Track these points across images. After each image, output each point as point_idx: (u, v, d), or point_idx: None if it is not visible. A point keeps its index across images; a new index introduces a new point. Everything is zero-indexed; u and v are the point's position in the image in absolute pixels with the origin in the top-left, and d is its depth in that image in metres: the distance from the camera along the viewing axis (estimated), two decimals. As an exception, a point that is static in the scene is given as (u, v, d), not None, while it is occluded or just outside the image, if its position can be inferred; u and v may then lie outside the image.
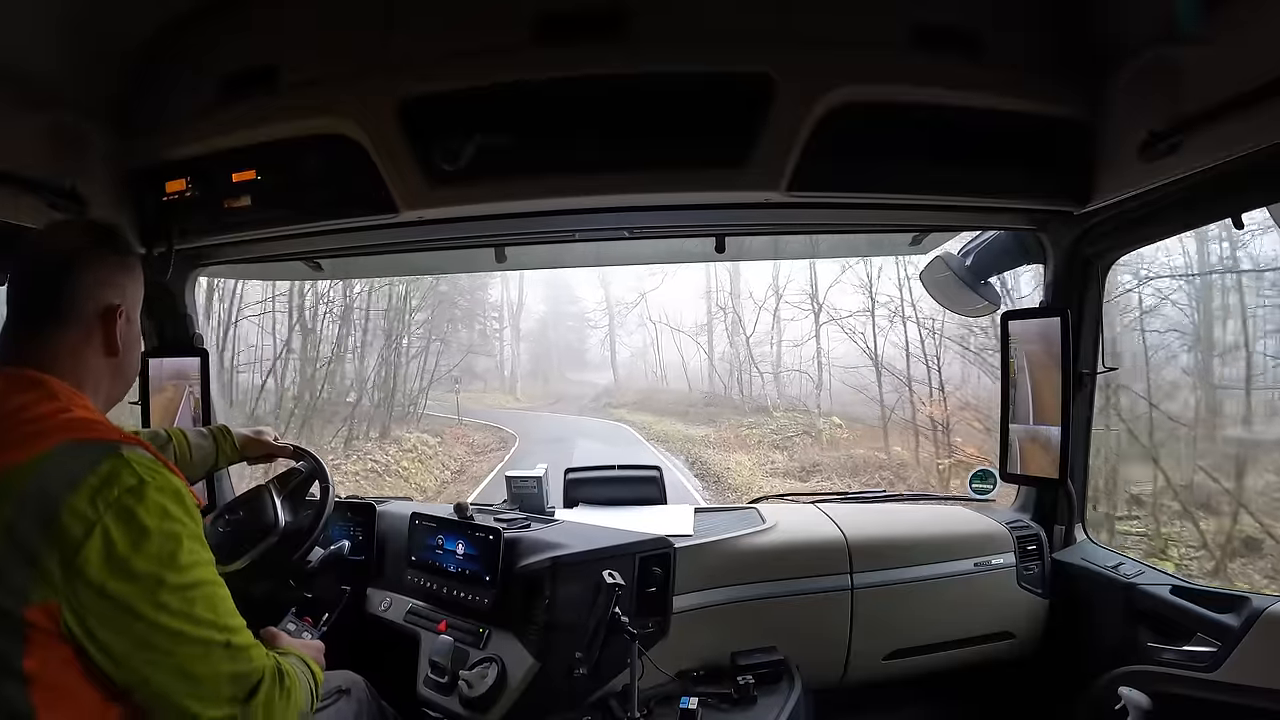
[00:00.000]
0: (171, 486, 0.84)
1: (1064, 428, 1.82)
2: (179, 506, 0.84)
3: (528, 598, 1.60)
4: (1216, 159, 1.25)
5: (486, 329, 22.30)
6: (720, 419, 16.11)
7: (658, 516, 1.99)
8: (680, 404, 18.72)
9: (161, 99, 1.60)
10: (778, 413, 14.86)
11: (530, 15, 1.40)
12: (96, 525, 0.77)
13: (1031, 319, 1.91)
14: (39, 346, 0.91)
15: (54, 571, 0.76)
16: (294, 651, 1.08)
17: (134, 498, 0.80)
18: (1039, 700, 1.94)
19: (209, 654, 0.83)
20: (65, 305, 0.93)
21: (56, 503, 0.77)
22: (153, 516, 0.81)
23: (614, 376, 23.79)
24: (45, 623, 0.76)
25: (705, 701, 1.61)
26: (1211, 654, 1.51)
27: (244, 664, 0.87)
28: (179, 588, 0.81)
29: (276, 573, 1.52)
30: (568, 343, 26.38)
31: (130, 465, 0.82)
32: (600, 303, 23.95)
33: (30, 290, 0.94)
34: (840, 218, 1.76)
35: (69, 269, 0.94)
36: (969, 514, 2.11)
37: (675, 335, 20.81)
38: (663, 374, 21.51)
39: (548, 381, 24.99)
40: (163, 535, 0.81)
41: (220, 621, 0.85)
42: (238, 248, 1.88)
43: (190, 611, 0.82)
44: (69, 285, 0.93)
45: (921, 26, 1.41)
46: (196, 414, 2.07)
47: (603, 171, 1.47)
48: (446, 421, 15.90)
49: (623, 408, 20.49)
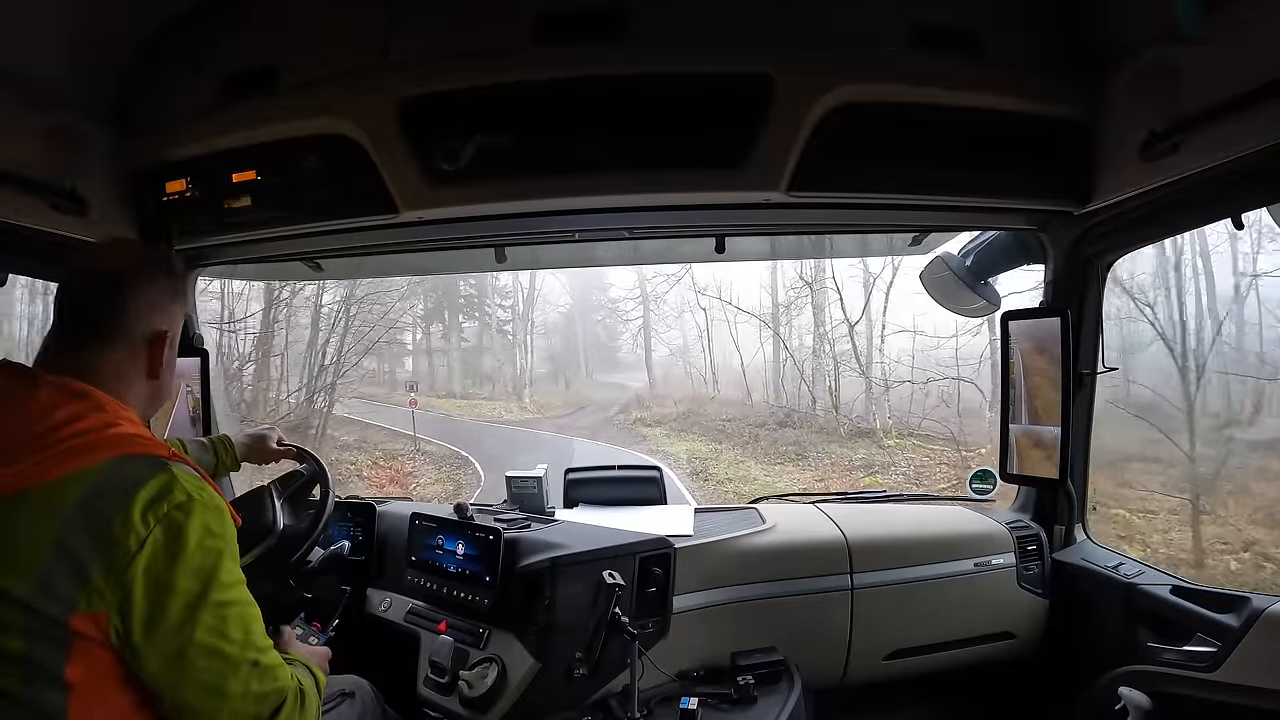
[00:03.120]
0: (216, 504, 0.87)
1: (1064, 428, 1.82)
2: (221, 525, 0.86)
3: (528, 598, 1.60)
4: (1216, 159, 1.25)
5: (491, 320, 19.23)
6: (810, 449, 11.26)
7: (658, 516, 1.99)
8: (743, 421, 13.34)
9: (161, 99, 1.60)
10: (892, 439, 10.58)
11: (530, 15, 1.40)
12: (149, 538, 0.80)
13: (1031, 319, 1.91)
14: (83, 361, 0.92)
15: (104, 582, 0.77)
16: (299, 658, 1.09)
17: (183, 514, 0.82)
18: (1039, 700, 1.94)
19: (238, 672, 0.85)
20: (115, 325, 0.94)
21: (109, 516, 0.79)
22: (198, 533, 0.83)
23: (648, 379, 18.57)
24: (93, 632, 0.77)
25: (705, 702, 1.61)
26: (1211, 654, 1.51)
27: (270, 684, 0.88)
28: (217, 605, 0.83)
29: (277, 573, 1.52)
30: (595, 338, 21.39)
31: (180, 482, 0.84)
32: (632, 288, 18.92)
33: (83, 305, 0.95)
34: (840, 218, 1.76)
35: (123, 290, 0.95)
36: (969, 514, 2.11)
37: (732, 324, 15.59)
38: (713, 377, 16.35)
39: (569, 385, 19.95)
40: (205, 552, 0.83)
41: (252, 641, 0.87)
42: (238, 248, 1.87)
43: (224, 629, 0.84)
44: (121, 306, 0.94)
45: (921, 26, 1.41)
46: (196, 414, 2.07)
47: (603, 172, 1.47)
48: (391, 438, 12.29)
49: (659, 425, 14.85)
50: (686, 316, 17.55)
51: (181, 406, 2.07)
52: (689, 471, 11.19)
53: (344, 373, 11.81)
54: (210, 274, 2.18)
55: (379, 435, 12.97)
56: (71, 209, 1.50)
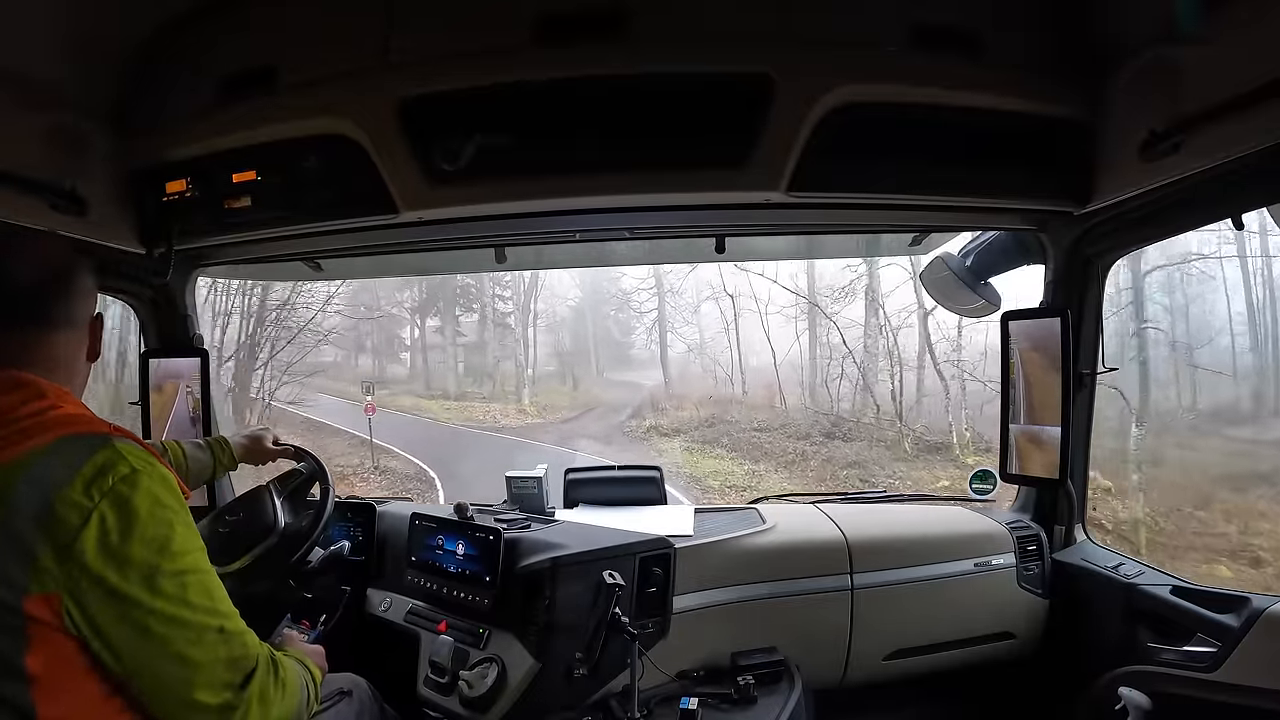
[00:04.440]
0: (161, 474, 0.87)
1: (1064, 428, 1.82)
2: (170, 494, 0.86)
3: (528, 598, 1.60)
4: (1216, 159, 1.25)
5: (490, 313, 17.04)
6: (874, 470, 8.86)
7: (658, 517, 1.99)
8: (780, 432, 10.84)
9: (161, 99, 1.60)
10: (970, 454, 8.74)
11: (530, 15, 1.40)
12: (93, 513, 0.79)
13: (1032, 319, 1.91)
14: (25, 349, 0.92)
15: (51, 562, 0.77)
16: (293, 652, 1.09)
17: (128, 486, 0.82)
18: (1039, 700, 1.94)
19: (204, 638, 0.84)
20: (64, 311, 0.97)
21: (50, 494, 0.78)
22: (146, 504, 0.82)
23: (664, 377, 16.18)
24: (47, 616, 0.76)
25: (705, 702, 1.61)
26: (1211, 654, 1.51)
27: (238, 649, 0.88)
28: (174, 573, 0.83)
29: (277, 573, 1.52)
30: (606, 334, 19.15)
31: (123, 455, 0.84)
32: (646, 278, 16.85)
33: (32, 296, 0.95)
34: (840, 218, 1.76)
35: (72, 279, 0.98)
36: (969, 514, 2.11)
37: (764, 314, 13.40)
38: (740, 377, 14.08)
39: (577, 385, 17.56)
40: (156, 522, 0.83)
41: (215, 607, 0.87)
42: (238, 248, 1.87)
43: (185, 597, 0.83)
44: (70, 295, 0.97)
45: (921, 26, 1.41)
46: (195, 414, 2.07)
47: (603, 172, 1.47)
48: (351, 448, 10.75)
49: (678, 434, 12.28)
50: (705, 309, 15.75)
51: (181, 406, 2.07)
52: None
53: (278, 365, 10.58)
54: (210, 274, 2.18)
55: (338, 444, 11.37)
56: (71, 209, 1.49)
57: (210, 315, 10.21)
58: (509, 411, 15.59)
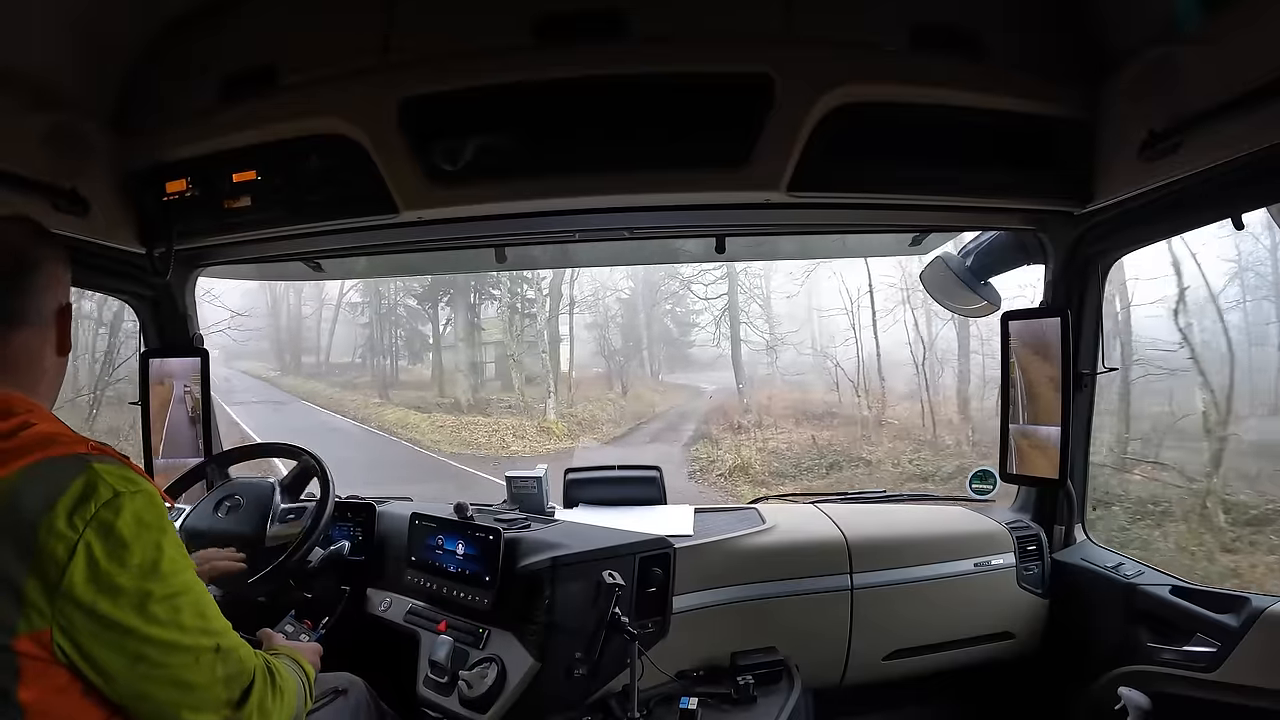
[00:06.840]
0: (144, 490, 0.82)
1: (1064, 428, 1.82)
2: (154, 512, 0.82)
3: (528, 598, 1.60)
4: (1216, 159, 1.25)
5: (516, 302, 13.41)
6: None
7: (657, 517, 1.99)
8: (958, 482, 6.73)
9: (161, 99, 1.60)
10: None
11: (530, 16, 1.40)
12: (79, 544, 0.75)
13: (1031, 319, 1.91)
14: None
15: (39, 598, 0.74)
16: (284, 651, 1.08)
17: (111, 511, 0.78)
18: (1039, 700, 1.94)
19: (200, 660, 0.83)
20: (26, 305, 0.89)
21: (33, 525, 0.75)
22: (132, 527, 0.79)
23: (735, 380, 12.44)
24: (37, 651, 0.74)
25: (705, 702, 1.61)
26: (1211, 654, 1.51)
27: (235, 665, 0.87)
28: (165, 597, 0.80)
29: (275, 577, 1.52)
30: (664, 330, 15.76)
31: (103, 478, 0.79)
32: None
33: None
34: (841, 218, 1.76)
35: (36, 269, 0.90)
36: (969, 514, 2.11)
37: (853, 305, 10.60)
38: (880, 382, 10.03)
39: (625, 391, 13.89)
40: (144, 545, 0.80)
41: (208, 626, 0.85)
42: (238, 248, 1.87)
43: (179, 620, 0.81)
44: (32, 286, 0.90)
45: (921, 26, 1.41)
46: (196, 414, 2.07)
47: (603, 172, 1.47)
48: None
49: (782, 480, 8.63)
50: (777, 291, 12.45)
51: (181, 406, 2.08)
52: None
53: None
54: (210, 274, 2.18)
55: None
56: (72, 209, 1.50)
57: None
58: (527, 430, 11.74)
